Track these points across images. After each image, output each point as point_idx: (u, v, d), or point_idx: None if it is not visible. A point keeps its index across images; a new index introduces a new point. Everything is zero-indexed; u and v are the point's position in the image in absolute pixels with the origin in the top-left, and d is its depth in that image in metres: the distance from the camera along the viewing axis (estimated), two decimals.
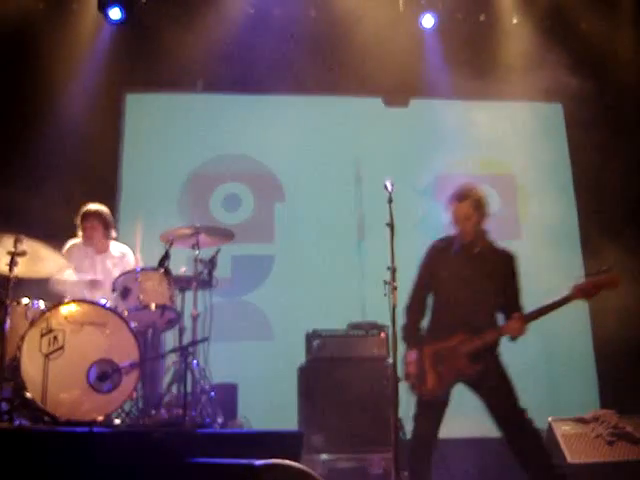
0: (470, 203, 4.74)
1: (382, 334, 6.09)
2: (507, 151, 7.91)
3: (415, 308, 4.84)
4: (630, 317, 6.99)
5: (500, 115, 7.93)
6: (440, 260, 4.83)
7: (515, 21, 7.97)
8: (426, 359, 4.65)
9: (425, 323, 4.84)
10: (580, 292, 4.55)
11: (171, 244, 5.39)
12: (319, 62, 7.69)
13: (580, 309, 7.68)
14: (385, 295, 4.38)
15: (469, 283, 4.70)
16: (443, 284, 4.78)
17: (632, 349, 7.06)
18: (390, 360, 4.51)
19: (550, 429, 6.27)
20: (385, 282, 4.38)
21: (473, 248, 4.78)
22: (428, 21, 7.82)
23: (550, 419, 6.30)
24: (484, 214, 4.78)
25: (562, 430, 6.22)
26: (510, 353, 7.17)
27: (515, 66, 7.64)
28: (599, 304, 7.51)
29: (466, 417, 5.20)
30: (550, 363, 7.41)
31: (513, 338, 4.68)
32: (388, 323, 4.54)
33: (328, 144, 7.88)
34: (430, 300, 4.85)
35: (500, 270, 4.76)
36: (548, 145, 8.04)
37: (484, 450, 6.05)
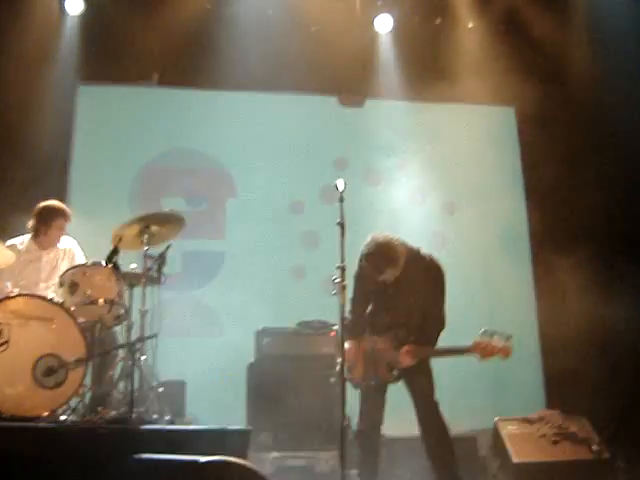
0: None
1: (332, 332, 6.12)
2: (460, 153, 8.00)
3: (359, 303, 4.94)
4: (577, 323, 7.13)
5: (454, 117, 8.02)
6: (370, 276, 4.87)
7: (470, 25, 8.05)
8: (360, 352, 4.82)
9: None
10: (477, 349, 4.74)
11: (120, 239, 5.31)
12: (274, 60, 7.65)
13: (528, 313, 7.82)
14: (334, 294, 4.40)
15: (403, 292, 4.81)
16: (376, 294, 4.89)
17: (578, 352, 7.18)
18: (339, 359, 4.52)
19: (496, 429, 6.36)
20: (334, 280, 4.39)
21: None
22: (384, 23, 7.82)
23: (496, 419, 6.39)
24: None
25: (508, 430, 6.31)
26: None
27: (469, 69, 7.71)
28: (547, 308, 7.69)
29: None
30: (498, 365, 7.47)
31: None
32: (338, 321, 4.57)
33: (281, 141, 7.87)
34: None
35: (427, 283, 4.85)
36: (500, 148, 8.16)
37: None
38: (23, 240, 5.73)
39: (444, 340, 4.91)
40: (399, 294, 4.82)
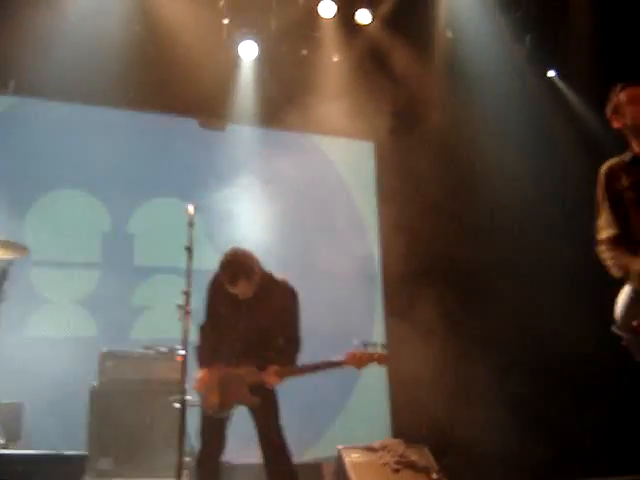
0: (245, 280, 4.68)
1: (177, 357, 6.01)
2: (316, 183, 8.10)
3: (210, 326, 4.85)
4: (424, 355, 7.35)
5: (314, 148, 8.15)
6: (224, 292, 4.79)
7: (335, 59, 8.17)
8: (214, 379, 4.71)
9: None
10: (352, 360, 4.77)
11: None
12: (139, 77, 7.52)
13: (376, 339, 7.96)
14: (179, 319, 4.35)
15: (247, 320, 4.76)
16: (230, 314, 4.80)
17: (422, 382, 7.38)
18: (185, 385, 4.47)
19: (339, 457, 6.43)
20: (178, 306, 4.35)
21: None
22: (249, 50, 7.82)
23: (340, 447, 6.46)
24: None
25: (351, 458, 6.38)
26: (305, 384, 7.33)
27: (332, 102, 7.82)
28: (396, 341, 7.88)
29: None
30: (345, 394, 7.61)
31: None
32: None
33: (140, 160, 7.72)
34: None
35: (280, 309, 4.82)
36: (358, 182, 8.35)
37: None
38: None
39: None
40: (255, 314, 4.77)
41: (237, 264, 4.59)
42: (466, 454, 7.15)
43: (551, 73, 8.46)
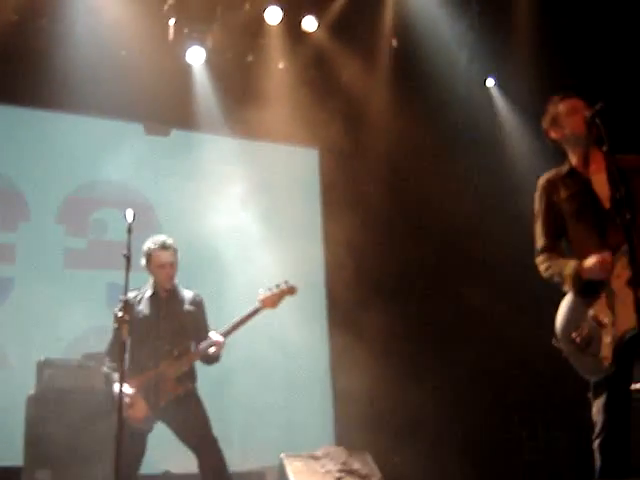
0: (174, 251, 5.11)
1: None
2: (260, 189, 8.08)
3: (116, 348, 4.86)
4: (367, 367, 7.37)
5: (259, 155, 8.13)
6: (134, 307, 5.00)
7: (281, 66, 8.14)
8: (131, 392, 4.78)
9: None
10: (266, 303, 5.09)
11: None
12: (80, 79, 7.36)
13: (320, 352, 7.98)
14: (116, 328, 4.29)
15: (167, 321, 5.01)
16: (140, 324, 4.95)
17: (364, 392, 7.41)
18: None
19: (282, 465, 6.41)
20: (115, 315, 4.29)
21: (165, 292, 5.12)
22: (196, 55, 7.74)
23: (282, 455, 6.44)
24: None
25: (293, 466, 6.38)
26: (251, 392, 7.31)
27: (277, 109, 7.80)
28: (338, 350, 7.90)
29: None
30: (290, 402, 7.58)
31: (210, 359, 5.04)
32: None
33: (74, 164, 7.60)
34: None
35: (193, 309, 5.16)
36: (302, 189, 8.35)
37: None
38: None
39: None
40: (172, 312, 5.05)
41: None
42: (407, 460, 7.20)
43: (490, 82, 8.55)
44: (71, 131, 7.63)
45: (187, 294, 5.23)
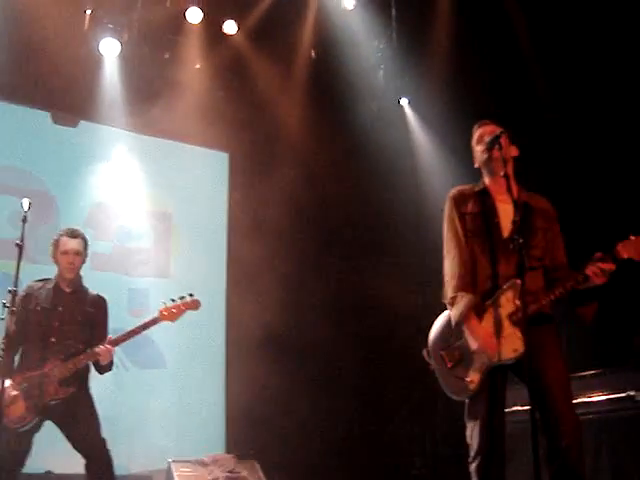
0: (82, 241, 5.02)
1: None
2: (169, 190, 8.01)
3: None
4: (259, 367, 7.36)
5: (169, 154, 8.03)
6: (33, 298, 4.91)
7: (198, 66, 8.04)
8: (13, 389, 4.62)
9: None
10: (166, 315, 4.97)
11: None
12: None
13: (216, 357, 7.92)
14: (2, 318, 4.15)
15: (63, 316, 4.89)
16: (36, 316, 4.85)
17: (259, 399, 7.39)
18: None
19: (169, 470, 6.35)
20: (4, 304, 4.15)
21: (69, 287, 5.01)
22: (111, 47, 7.53)
23: (170, 460, 6.37)
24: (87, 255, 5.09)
25: (180, 472, 6.34)
26: (144, 397, 7.18)
27: (191, 109, 7.72)
28: (234, 354, 7.86)
29: None
30: (182, 408, 7.49)
31: (102, 368, 4.90)
32: None
33: None
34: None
35: (94, 310, 5.04)
36: (209, 191, 8.28)
37: None
38: None
39: None
40: (72, 309, 4.93)
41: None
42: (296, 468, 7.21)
43: (404, 102, 8.68)
44: None
45: (91, 294, 5.09)
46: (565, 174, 6.58)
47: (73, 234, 5.00)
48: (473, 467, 3.73)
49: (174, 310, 4.97)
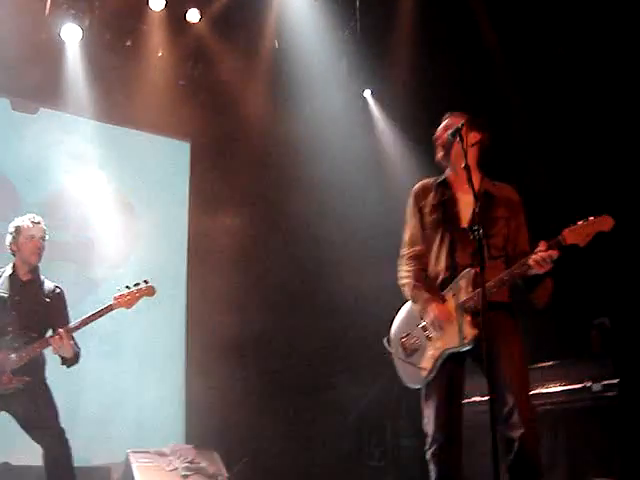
0: (44, 228, 5.05)
1: None
2: (130, 178, 7.93)
3: None
4: (219, 357, 7.35)
5: (130, 143, 7.95)
6: None
7: (160, 54, 7.94)
8: None
9: None
10: (121, 302, 4.92)
11: None
12: None
13: (175, 347, 7.89)
14: None
15: (20, 306, 4.88)
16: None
17: (216, 391, 7.37)
18: None
19: (127, 461, 6.31)
20: None
21: (27, 274, 5.00)
22: (72, 33, 7.37)
23: (128, 451, 6.34)
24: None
25: (139, 462, 6.30)
26: (104, 388, 7.11)
27: (152, 98, 7.66)
28: (194, 344, 7.83)
29: None
30: (141, 398, 7.43)
31: (67, 360, 4.88)
32: None
33: None
34: None
35: (51, 301, 5.02)
36: (170, 180, 8.23)
37: None
38: None
39: None
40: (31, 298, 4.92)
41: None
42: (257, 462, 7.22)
43: (367, 93, 8.68)
44: None
45: (48, 284, 5.07)
46: (531, 160, 6.61)
47: (35, 221, 4.99)
48: (429, 454, 3.78)
49: (128, 297, 4.92)
